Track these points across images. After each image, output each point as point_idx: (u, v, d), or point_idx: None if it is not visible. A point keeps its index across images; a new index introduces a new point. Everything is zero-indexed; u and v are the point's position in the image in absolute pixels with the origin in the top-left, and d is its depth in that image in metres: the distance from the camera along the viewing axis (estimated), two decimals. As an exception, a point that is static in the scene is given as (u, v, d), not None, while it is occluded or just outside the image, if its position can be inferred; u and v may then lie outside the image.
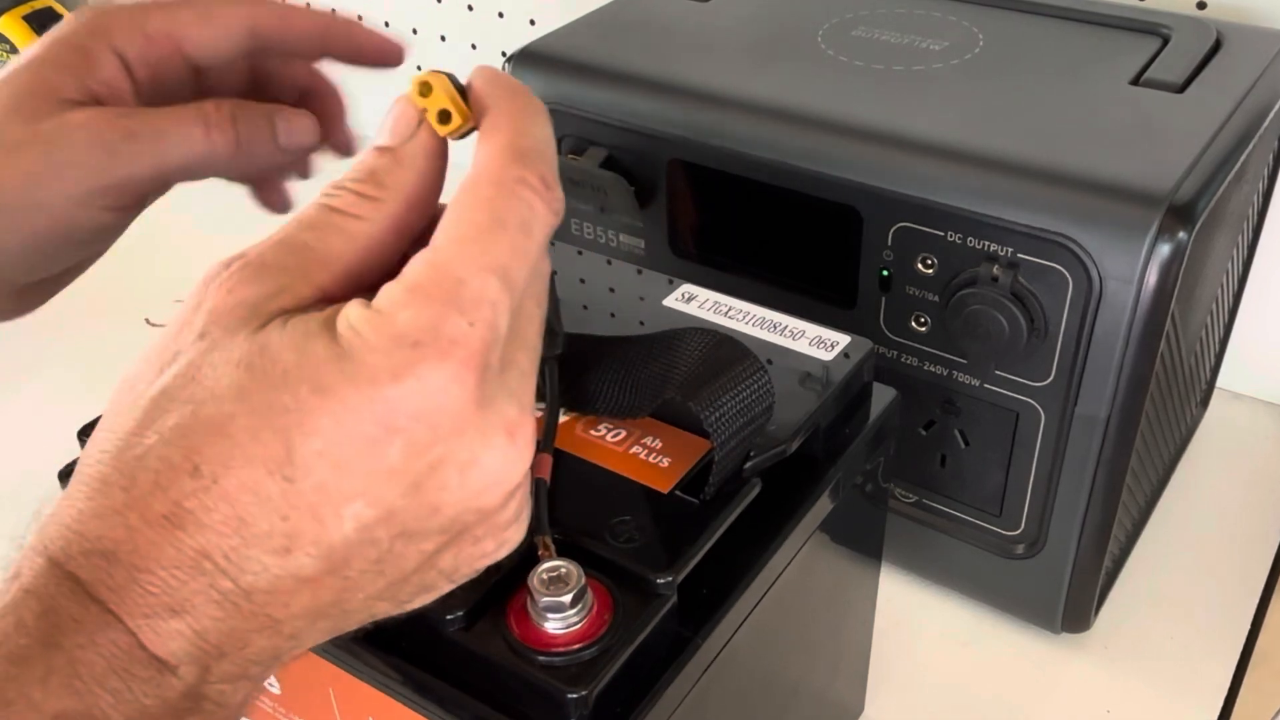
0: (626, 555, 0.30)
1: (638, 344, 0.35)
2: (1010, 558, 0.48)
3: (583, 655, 0.28)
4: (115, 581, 0.21)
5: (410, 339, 0.21)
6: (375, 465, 0.21)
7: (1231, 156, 0.42)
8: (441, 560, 0.24)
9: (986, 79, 0.47)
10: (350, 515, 0.22)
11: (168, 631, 0.21)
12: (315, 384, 0.21)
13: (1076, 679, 0.50)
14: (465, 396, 0.22)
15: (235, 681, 0.22)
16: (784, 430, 0.34)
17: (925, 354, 0.46)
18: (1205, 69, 0.47)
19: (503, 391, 0.23)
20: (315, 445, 0.21)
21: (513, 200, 0.23)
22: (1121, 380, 0.41)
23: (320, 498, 0.21)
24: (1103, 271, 0.40)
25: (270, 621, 0.22)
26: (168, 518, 0.21)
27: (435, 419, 0.21)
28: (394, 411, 0.21)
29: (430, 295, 0.22)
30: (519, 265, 0.23)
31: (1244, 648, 0.50)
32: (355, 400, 0.21)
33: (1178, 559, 0.55)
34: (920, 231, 0.43)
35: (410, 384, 0.21)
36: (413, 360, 0.21)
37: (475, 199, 0.23)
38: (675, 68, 0.49)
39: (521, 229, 0.23)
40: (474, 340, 0.22)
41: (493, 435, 0.22)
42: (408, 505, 0.22)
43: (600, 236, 0.53)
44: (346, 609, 0.23)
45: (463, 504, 0.23)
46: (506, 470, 0.23)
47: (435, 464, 0.22)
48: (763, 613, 0.33)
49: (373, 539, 0.22)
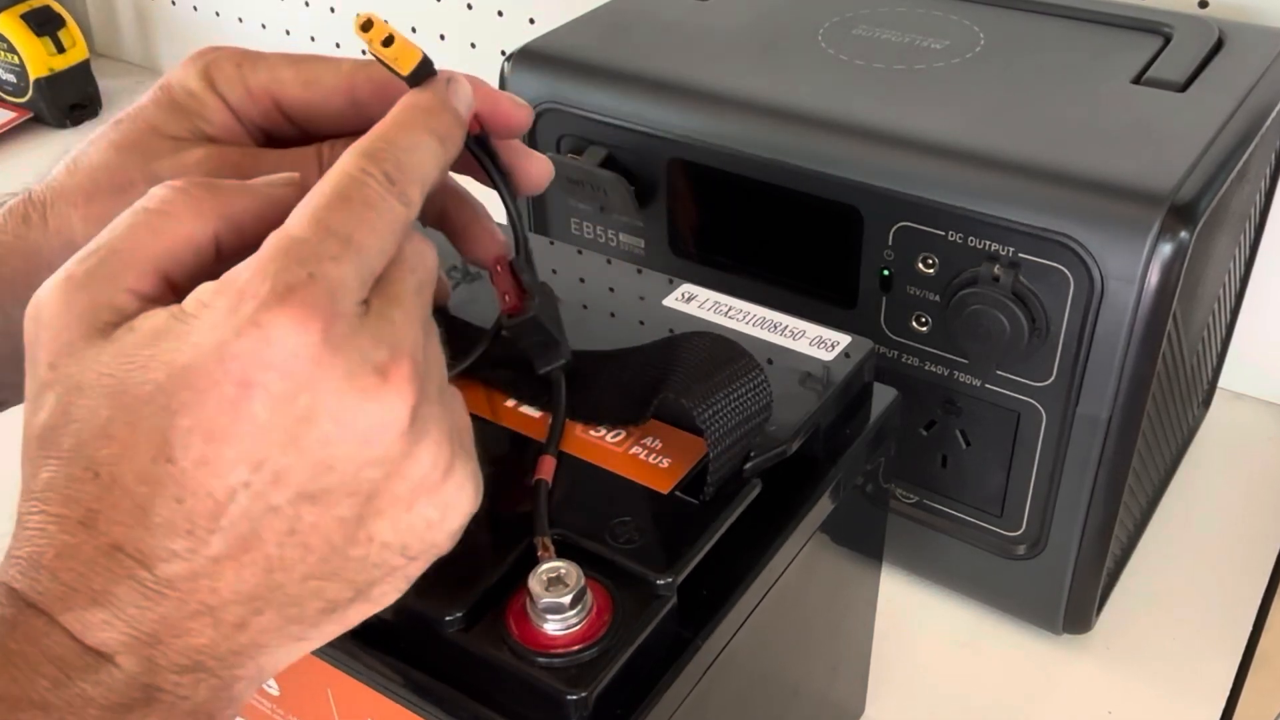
0: (626, 556, 0.30)
1: (635, 355, 0.35)
2: (1011, 558, 0.48)
3: (582, 656, 0.28)
4: (43, 584, 0.22)
5: (249, 293, 0.22)
6: (244, 426, 0.22)
7: (1233, 156, 0.42)
8: (375, 529, 0.24)
9: (987, 78, 0.47)
10: (238, 483, 0.22)
11: (94, 622, 0.22)
12: (169, 364, 0.22)
13: (1078, 680, 0.49)
14: (311, 340, 0.22)
15: (192, 673, 0.23)
16: (784, 430, 0.34)
17: (926, 354, 0.46)
18: (1207, 68, 0.47)
19: (365, 336, 0.23)
20: (184, 422, 0.22)
21: (355, 183, 0.24)
22: (1123, 380, 0.41)
23: (205, 472, 0.22)
24: (1104, 271, 0.40)
25: (204, 608, 0.23)
26: (82, 521, 0.22)
27: (286, 366, 0.22)
28: (244, 366, 0.22)
29: (269, 256, 0.23)
30: (363, 233, 0.24)
31: (1246, 648, 0.50)
32: (206, 365, 0.22)
33: (1180, 560, 0.54)
34: (921, 231, 0.43)
35: (253, 335, 0.22)
36: (252, 312, 0.22)
37: (320, 185, 0.24)
38: (675, 66, 0.49)
39: (364, 204, 0.24)
40: (313, 288, 0.22)
41: (360, 378, 0.23)
42: (293, 464, 0.22)
43: (600, 236, 0.53)
44: (290, 594, 0.23)
45: (354, 456, 0.23)
46: (385, 412, 0.23)
47: (305, 415, 0.22)
48: (763, 614, 0.33)
49: (271, 506, 0.22)
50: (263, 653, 0.24)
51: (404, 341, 0.24)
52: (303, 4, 0.94)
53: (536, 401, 0.35)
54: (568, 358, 0.34)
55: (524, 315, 0.32)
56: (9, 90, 0.98)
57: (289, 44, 0.97)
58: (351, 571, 0.24)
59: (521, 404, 0.35)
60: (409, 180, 0.25)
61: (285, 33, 0.97)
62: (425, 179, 0.26)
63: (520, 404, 0.35)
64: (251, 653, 0.24)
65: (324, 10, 0.93)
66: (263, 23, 0.99)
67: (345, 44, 0.94)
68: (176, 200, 0.24)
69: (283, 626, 0.24)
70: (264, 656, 0.24)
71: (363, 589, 0.25)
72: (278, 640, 0.24)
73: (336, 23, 0.93)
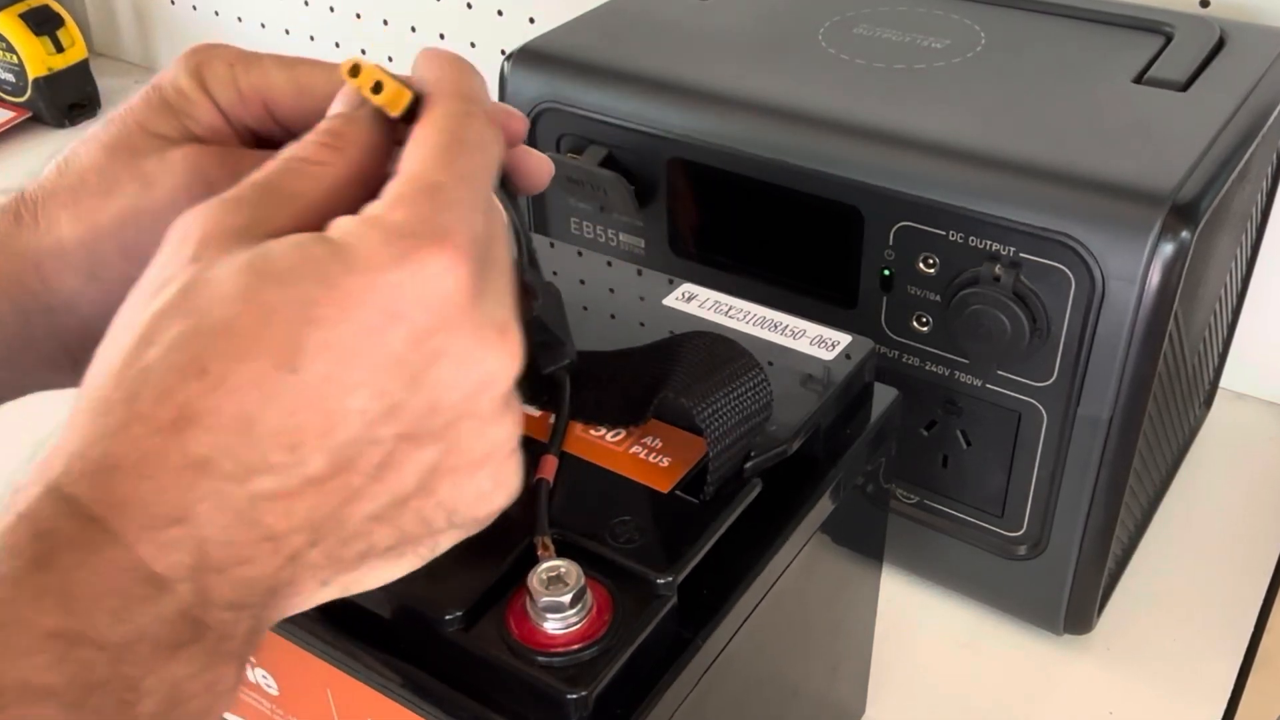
0: (626, 555, 0.30)
1: (637, 355, 0.35)
2: (1012, 559, 0.48)
3: (582, 656, 0.27)
4: (116, 496, 0.21)
5: (409, 230, 0.22)
6: (379, 354, 0.22)
7: (1235, 155, 0.42)
8: (440, 486, 0.24)
9: (988, 77, 0.47)
10: (356, 407, 0.22)
11: (168, 541, 0.21)
12: (318, 277, 0.22)
13: (1079, 681, 0.49)
14: (461, 286, 0.22)
15: (236, 610, 0.22)
16: (785, 430, 0.33)
17: (927, 354, 0.46)
18: (1208, 67, 0.47)
19: (491, 292, 0.24)
20: (320, 336, 0.21)
21: (465, 122, 0.25)
22: (1124, 380, 0.41)
23: (327, 389, 0.22)
24: (1105, 271, 0.39)
25: (271, 533, 0.22)
26: (175, 423, 0.21)
27: (436, 305, 0.22)
28: (396, 297, 0.22)
29: (414, 198, 0.23)
30: (481, 177, 0.24)
31: (1248, 649, 0.50)
32: (358, 287, 0.22)
33: (1181, 560, 0.54)
34: (922, 231, 0.43)
35: (411, 268, 0.22)
36: (411, 248, 0.22)
37: (432, 128, 0.25)
38: (675, 66, 0.49)
39: (478, 146, 0.25)
40: (463, 232, 0.23)
41: (486, 331, 0.23)
42: (409, 400, 0.23)
43: (600, 236, 0.53)
44: (349, 531, 0.23)
45: (460, 406, 0.23)
46: (500, 369, 0.24)
47: (434, 355, 0.22)
48: (763, 614, 0.33)
49: (376, 437, 0.22)
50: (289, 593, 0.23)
51: (511, 306, 0.25)
52: (302, 3, 0.94)
53: (538, 400, 0.35)
54: (572, 358, 0.34)
55: (527, 316, 0.32)
56: (8, 90, 0.98)
57: (288, 43, 0.97)
58: (405, 521, 0.24)
59: (523, 404, 0.35)
60: (495, 120, 0.26)
61: (285, 32, 0.97)
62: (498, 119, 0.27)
63: (521, 404, 0.35)
64: (287, 591, 0.23)
65: (323, 10, 0.93)
66: (262, 22, 0.99)
67: (344, 43, 0.94)
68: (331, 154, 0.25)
69: (322, 566, 0.23)
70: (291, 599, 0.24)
71: (401, 544, 0.25)
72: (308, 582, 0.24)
73: (336, 22, 0.93)
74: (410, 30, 0.89)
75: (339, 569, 0.24)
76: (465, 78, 0.26)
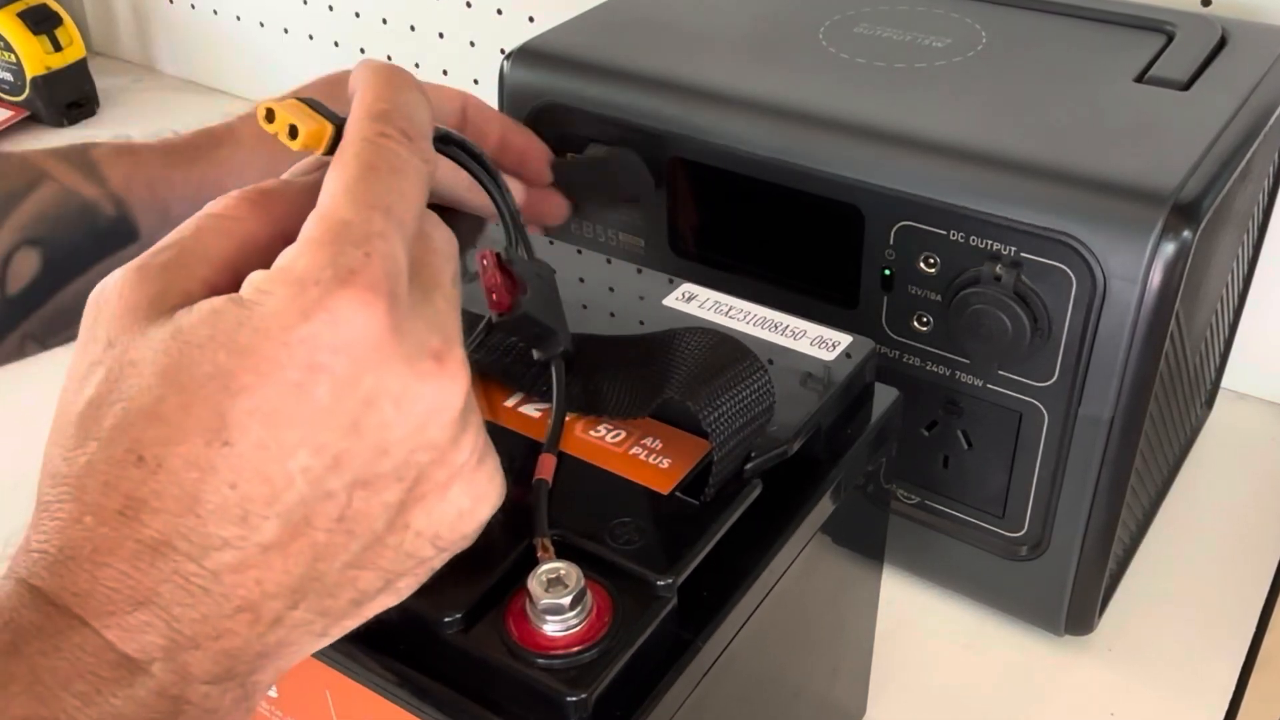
0: (626, 557, 0.30)
1: (638, 344, 0.35)
2: (1013, 559, 0.48)
3: (582, 658, 0.27)
4: (78, 585, 0.21)
5: (311, 279, 0.22)
6: (308, 410, 0.22)
7: (1236, 154, 0.42)
8: (413, 518, 0.24)
9: (989, 76, 0.47)
10: (297, 468, 0.22)
11: (135, 625, 0.21)
12: (231, 347, 0.22)
13: (1080, 682, 0.49)
14: (378, 323, 0.22)
15: (221, 683, 0.22)
16: (785, 431, 0.33)
17: (927, 354, 0.46)
18: (1210, 66, 0.47)
19: (420, 322, 0.23)
20: (245, 404, 0.21)
21: (376, 149, 0.24)
22: (1125, 380, 0.41)
23: (263, 456, 0.21)
24: (1106, 271, 0.39)
25: (245, 604, 0.22)
26: (122, 512, 0.21)
27: (353, 350, 0.22)
28: (311, 350, 0.22)
29: (319, 240, 0.23)
30: (399, 203, 0.24)
31: (1249, 650, 0.50)
32: (272, 349, 0.22)
33: (1182, 561, 0.54)
34: (922, 230, 0.43)
35: (321, 318, 0.22)
36: (318, 297, 0.22)
37: (343, 159, 0.24)
38: (675, 64, 0.49)
39: (392, 171, 0.24)
40: (373, 268, 0.22)
41: (419, 362, 0.23)
42: (352, 448, 0.22)
43: (600, 235, 0.53)
44: (328, 584, 0.23)
45: (409, 441, 0.23)
46: (442, 396, 0.23)
47: (368, 399, 0.22)
48: (764, 615, 0.33)
49: (327, 491, 0.22)
50: (285, 653, 0.24)
51: (452, 327, 0.24)
52: (300, 2, 0.94)
53: (536, 387, 0.35)
54: (567, 346, 0.34)
55: (514, 313, 0.32)
56: (6, 89, 0.98)
57: (287, 42, 0.97)
58: (387, 560, 0.24)
59: (520, 404, 0.35)
60: (420, 135, 0.25)
61: (284, 30, 0.97)
62: (429, 133, 0.26)
63: (519, 404, 0.35)
64: (275, 654, 0.23)
65: (322, 9, 0.93)
66: (260, 21, 0.98)
67: (343, 43, 0.94)
68: (240, 205, 0.25)
69: (311, 621, 0.23)
70: (285, 657, 0.24)
71: (392, 579, 0.25)
72: (302, 637, 0.24)
73: (335, 21, 0.93)
74: (409, 29, 0.88)
75: (333, 619, 0.24)
76: (386, 93, 0.25)
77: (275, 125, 0.25)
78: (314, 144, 0.25)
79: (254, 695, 0.24)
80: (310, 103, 0.26)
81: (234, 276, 0.24)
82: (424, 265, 0.24)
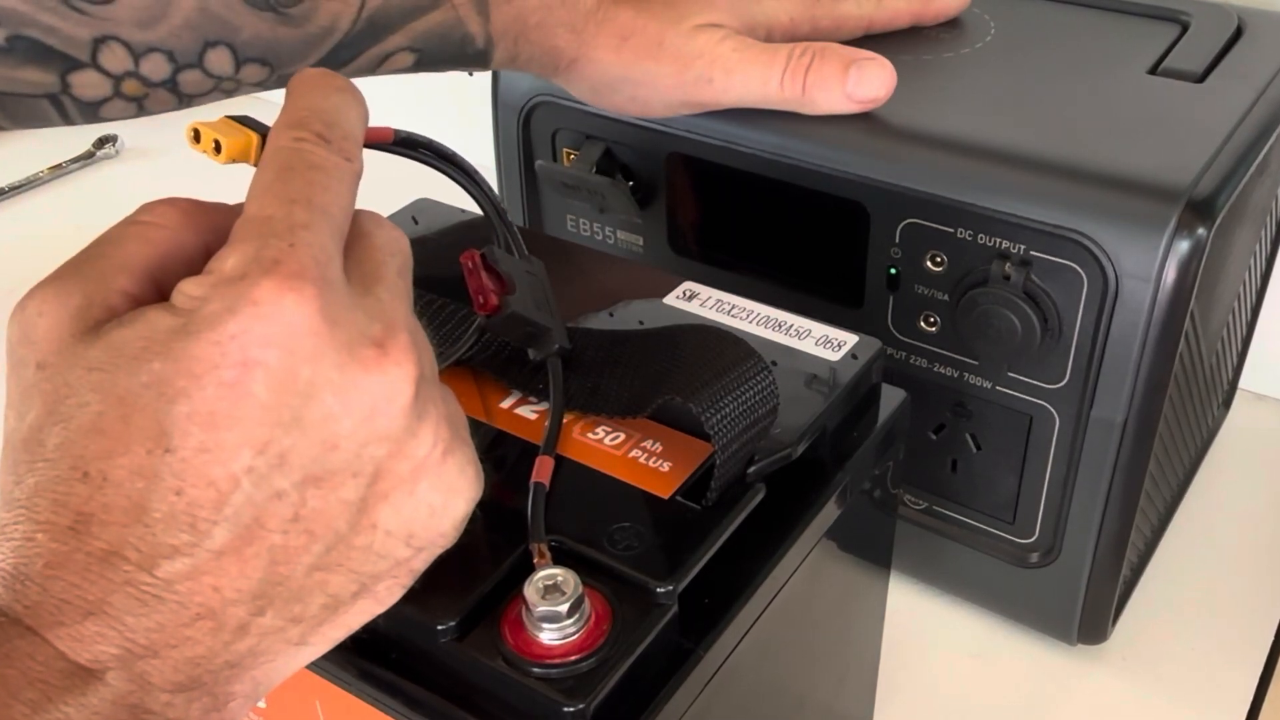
0: (625, 563, 0.29)
1: (637, 340, 0.34)
2: (1024, 566, 0.47)
3: (580, 667, 0.27)
4: (29, 598, 0.21)
5: (235, 274, 0.22)
6: (246, 408, 0.21)
7: (1253, 149, 0.41)
8: (380, 516, 0.24)
9: (998, 69, 0.46)
10: (241, 469, 0.22)
11: (87, 634, 0.21)
12: (166, 354, 0.22)
13: (1093, 692, 0.49)
14: (308, 310, 0.22)
15: (186, 692, 0.22)
16: (789, 433, 0.33)
17: (935, 355, 0.45)
18: (1226, 57, 0.46)
19: (358, 312, 0.23)
20: (182, 410, 0.21)
21: (294, 153, 0.24)
22: (1139, 382, 0.41)
23: (205, 459, 0.21)
24: (1119, 269, 0.39)
25: (205, 611, 0.22)
26: (73, 528, 0.21)
27: (286, 341, 0.22)
28: (243, 345, 0.21)
29: (244, 238, 0.23)
30: (322, 195, 0.24)
31: (1267, 659, 0.49)
32: (204, 350, 0.21)
33: (1198, 567, 0.54)
34: (929, 228, 0.42)
35: (248, 312, 0.22)
36: (243, 290, 0.22)
37: (264, 166, 0.25)
38: (677, 62, 0.49)
39: (312, 169, 0.24)
40: (298, 255, 0.22)
41: (359, 349, 0.22)
42: (297, 444, 0.22)
43: (598, 234, 0.52)
44: (294, 588, 0.23)
45: (358, 433, 0.23)
46: (389, 385, 0.23)
47: (307, 391, 0.22)
48: (767, 623, 0.32)
49: (276, 491, 0.22)
50: (260, 663, 0.23)
51: (396, 316, 0.24)
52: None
53: (532, 385, 0.35)
54: (561, 343, 0.33)
55: (501, 314, 0.31)
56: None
57: None
58: (356, 562, 0.24)
59: (516, 405, 0.35)
60: (342, 136, 0.25)
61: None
62: (354, 134, 0.26)
63: (515, 405, 0.35)
64: (249, 663, 0.23)
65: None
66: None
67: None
68: (169, 213, 0.25)
69: (284, 629, 0.23)
70: (261, 668, 0.23)
71: (367, 583, 0.24)
72: (277, 646, 0.23)
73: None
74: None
75: (309, 626, 0.24)
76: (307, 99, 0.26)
77: (202, 144, 0.26)
78: (240, 156, 0.26)
79: (230, 704, 0.23)
80: (240, 118, 0.26)
81: (154, 286, 0.24)
82: (363, 261, 0.24)
